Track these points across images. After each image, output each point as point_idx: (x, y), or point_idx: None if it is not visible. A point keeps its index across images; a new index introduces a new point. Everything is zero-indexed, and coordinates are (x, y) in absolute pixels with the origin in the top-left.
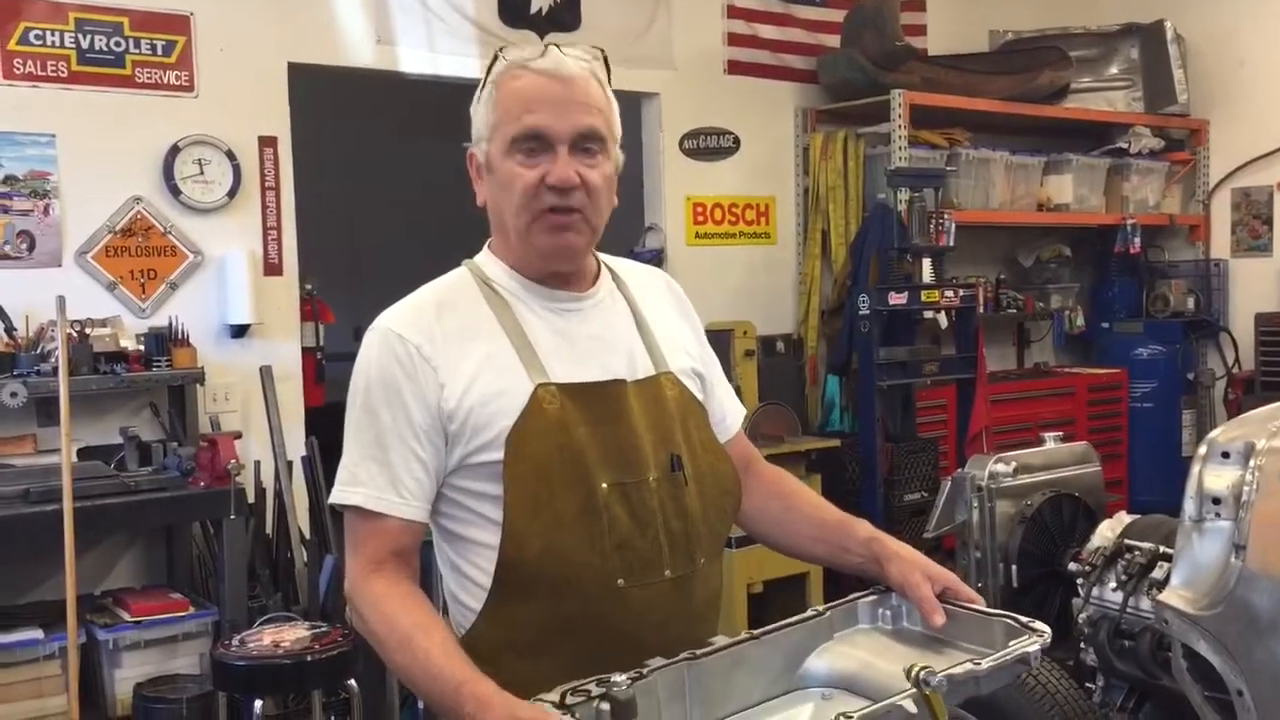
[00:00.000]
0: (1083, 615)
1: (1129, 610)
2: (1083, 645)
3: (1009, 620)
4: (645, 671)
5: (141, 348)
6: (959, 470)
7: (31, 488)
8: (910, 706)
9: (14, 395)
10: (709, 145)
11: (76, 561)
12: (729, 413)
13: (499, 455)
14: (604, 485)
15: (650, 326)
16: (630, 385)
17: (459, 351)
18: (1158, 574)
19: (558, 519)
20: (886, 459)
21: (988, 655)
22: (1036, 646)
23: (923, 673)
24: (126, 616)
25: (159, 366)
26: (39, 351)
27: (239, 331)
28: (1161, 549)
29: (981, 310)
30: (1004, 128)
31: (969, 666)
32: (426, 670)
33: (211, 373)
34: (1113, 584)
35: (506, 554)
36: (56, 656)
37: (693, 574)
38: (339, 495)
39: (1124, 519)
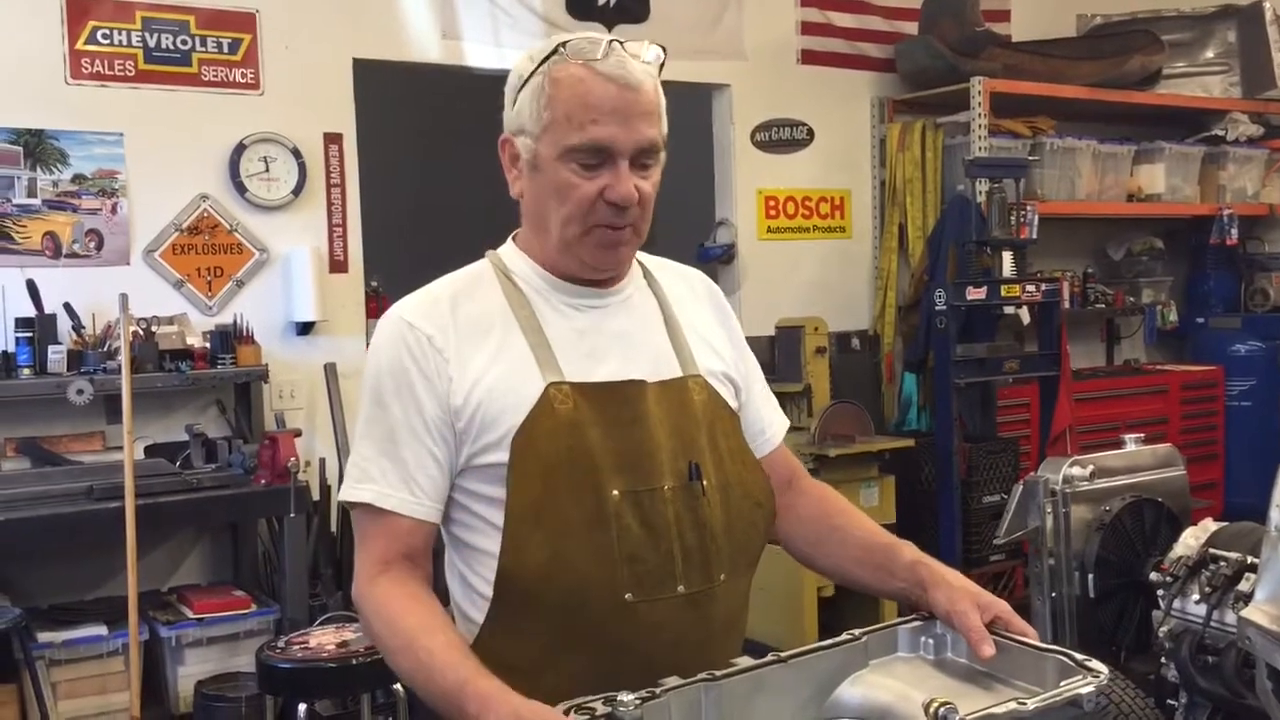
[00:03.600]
0: (1164, 628)
1: (1213, 624)
2: (1164, 660)
3: (1063, 657)
4: (659, 691)
5: (208, 345)
6: (1032, 473)
7: (95, 485)
8: None
9: (80, 392)
10: (781, 137)
11: (143, 558)
12: (769, 424)
13: (504, 456)
14: (615, 492)
15: (680, 327)
16: (651, 386)
17: (471, 345)
18: (1244, 586)
19: (563, 527)
20: (964, 459)
21: (1036, 694)
22: (1091, 688)
23: (943, 709)
24: (189, 614)
25: (223, 364)
26: (106, 349)
27: (304, 329)
28: (1249, 559)
29: (1068, 305)
30: (1091, 115)
31: (1012, 707)
32: (429, 671)
33: (277, 370)
34: (1196, 596)
35: (507, 563)
36: (120, 653)
37: (710, 591)
38: (348, 493)
39: (1210, 526)
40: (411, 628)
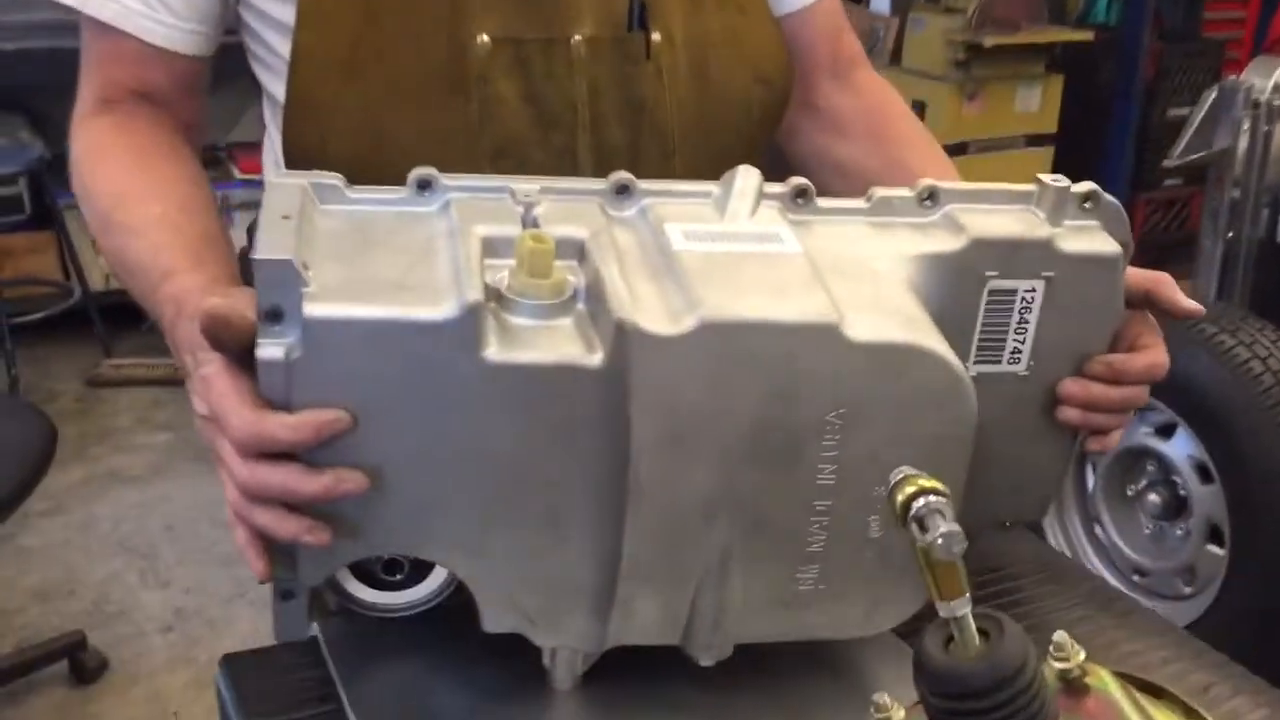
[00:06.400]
0: None
1: None
2: None
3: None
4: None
5: None
6: (1231, 78)
7: None
8: None
9: None
10: None
11: None
12: None
13: None
14: (483, 38)
15: None
16: None
17: None
18: None
19: (390, 90)
20: (1154, 61)
21: None
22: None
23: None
24: (237, 173)
25: None
26: None
27: None
28: None
29: None
30: None
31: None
32: (124, 255)
33: None
34: None
35: (291, 137)
36: None
37: None
38: None
39: None
40: (115, 190)
